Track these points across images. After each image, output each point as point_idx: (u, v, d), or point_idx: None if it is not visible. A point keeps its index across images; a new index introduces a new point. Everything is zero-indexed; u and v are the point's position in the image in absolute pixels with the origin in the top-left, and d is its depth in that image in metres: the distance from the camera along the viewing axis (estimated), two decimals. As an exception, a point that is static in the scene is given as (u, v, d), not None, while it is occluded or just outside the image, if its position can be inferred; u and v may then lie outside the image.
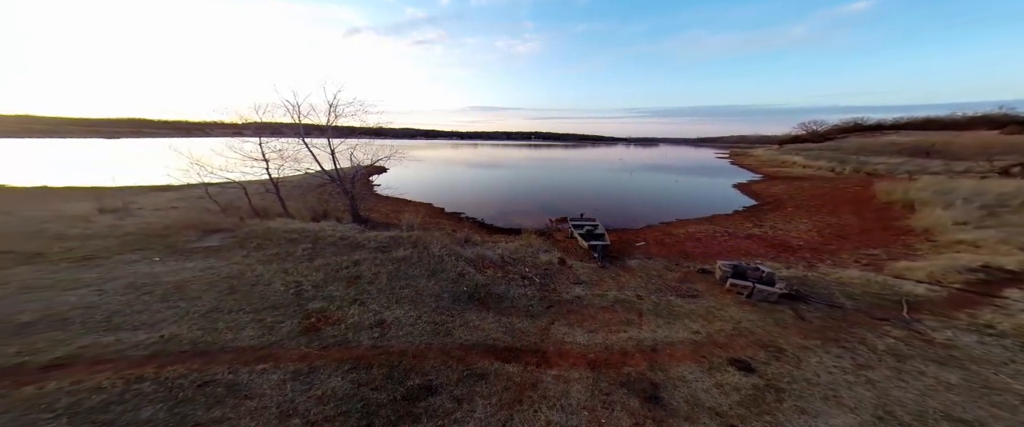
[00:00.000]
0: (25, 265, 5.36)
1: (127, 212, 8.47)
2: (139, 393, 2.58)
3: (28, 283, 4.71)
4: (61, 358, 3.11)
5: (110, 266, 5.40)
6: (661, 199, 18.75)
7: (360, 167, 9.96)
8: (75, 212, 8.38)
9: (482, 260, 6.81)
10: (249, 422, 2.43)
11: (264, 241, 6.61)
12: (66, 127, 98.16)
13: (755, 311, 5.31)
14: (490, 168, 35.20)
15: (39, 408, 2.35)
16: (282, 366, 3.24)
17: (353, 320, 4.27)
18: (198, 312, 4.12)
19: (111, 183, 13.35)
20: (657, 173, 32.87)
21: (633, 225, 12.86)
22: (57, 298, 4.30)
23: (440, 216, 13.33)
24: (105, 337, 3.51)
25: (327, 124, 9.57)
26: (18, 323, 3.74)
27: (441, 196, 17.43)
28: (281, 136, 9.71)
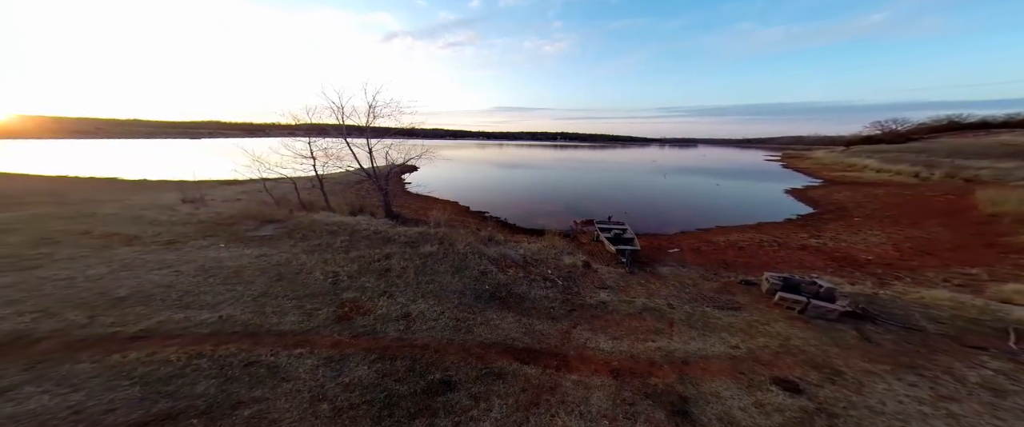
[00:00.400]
0: (126, 246, 6.28)
1: (202, 203, 9.63)
2: (197, 368, 2.88)
3: (127, 262, 5.50)
4: (143, 331, 3.58)
5: (187, 250, 6.15)
6: (698, 204, 17.51)
7: (394, 165, 10.40)
8: (164, 202, 9.72)
9: (504, 259, 6.77)
10: (284, 404, 2.60)
11: (308, 232, 7.14)
12: (163, 129, 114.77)
13: (809, 329, 4.72)
14: (514, 168, 35.12)
15: (121, 375, 2.72)
16: (317, 352, 3.45)
17: (382, 311, 4.44)
18: (251, 296, 4.53)
19: (192, 177, 15.40)
20: (694, 176, 30.66)
21: (665, 230, 12.14)
22: (145, 276, 4.97)
23: (465, 214, 13.56)
24: (177, 314, 3.99)
25: (366, 125, 10.08)
26: (115, 297, 4.37)
27: (467, 195, 17.73)
28: (327, 136, 10.42)
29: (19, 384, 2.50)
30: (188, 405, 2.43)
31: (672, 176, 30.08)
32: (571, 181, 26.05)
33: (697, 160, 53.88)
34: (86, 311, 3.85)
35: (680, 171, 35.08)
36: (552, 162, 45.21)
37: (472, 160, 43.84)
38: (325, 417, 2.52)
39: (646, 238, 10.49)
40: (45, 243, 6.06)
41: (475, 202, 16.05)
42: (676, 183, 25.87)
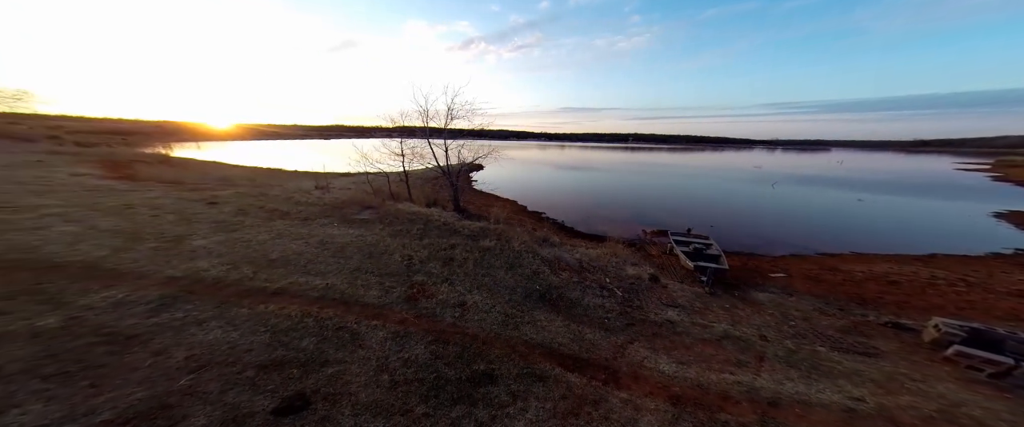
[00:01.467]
0: (280, 220, 8.21)
1: (327, 190, 11.98)
2: (305, 326, 3.60)
3: (280, 232, 7.19)
4: (280, 288, 4.63)
5: (314, 226, 7.72)
6: (825, 223, 13.93)
7: (464, 164, 11.09)
8: (304, 188, 12.45)
9: (558, 262, 6.54)
10: (357, 369, 3.05)
11: (394, 219, 8.17)
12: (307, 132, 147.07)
13: (1002, 400, 3.36)
14: (576, 170, 33.51)
15: (261, 322, 3.58)
16: (387, 326, 3.92)
17: (442, 297, 4.80)
18: (348, 269, 5.42)
19: (322, 169, 19.48)
20: (820, 188, 24.26)
21: (768, 251, 10.06)
22: (288, 245, 6.40)
23: (523, 213, 13.63)
24: (301, 278, 5.04)
25: (444, 126, 10.93)
26: (269, 258, 5.74)
27: (525, 194, 17.72)
28: (413, 137, 11.70)
29: (209, 318, 3.53)
30: (293, 356, 3.05)
31: (783, 186, 24.55)
32: (641, 186, 23.65)
33: (828, 168, 42.57)
34: (253, 267, 5.16)
35: (798, 181, 28.24)
36: (619, 165, 41.77)
37: (533, 161, 43.66)
38: (384, 387, 2.85)
39: (738, 257, 8.84)
40: (240, 213, 8.34)
41: (533, 202, 16.01)
42: (790, 195, 20.99)
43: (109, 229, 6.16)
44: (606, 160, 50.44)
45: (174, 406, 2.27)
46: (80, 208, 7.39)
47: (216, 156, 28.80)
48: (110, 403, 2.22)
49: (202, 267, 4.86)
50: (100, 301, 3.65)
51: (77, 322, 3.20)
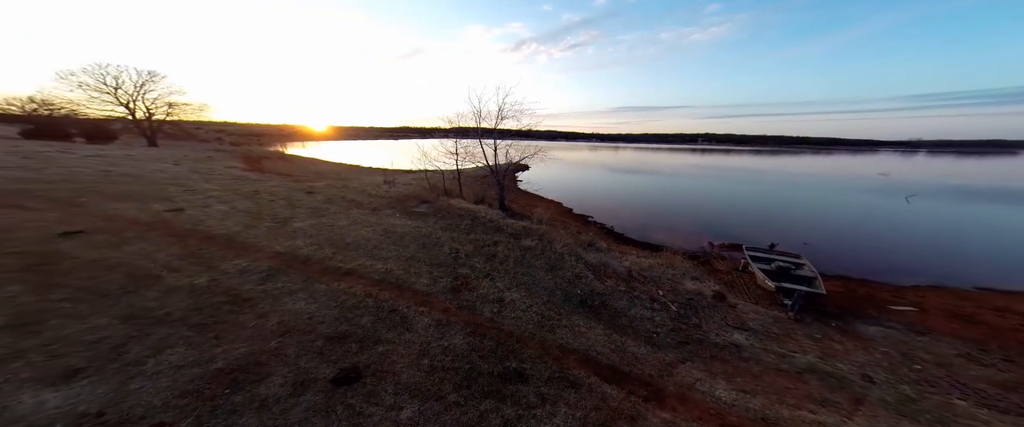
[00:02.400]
0: (356, 209, 9.36)
1: (393, 184, 13.28)
2: (365, 305, 4.03)
3: (355, 219, 8.21)
4: (350, 269, 5.27)
5: (381, 216, 8.62)
6: (991, 250, 10.56)
7: (511, 163, 11.15)
8: (375, 182, 14.03)
9: (604, 268, 6.14)
10: (403, 350, 3.30)
11: (446, 213, 8.64)
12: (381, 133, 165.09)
13: None
14: (631, 173, 30.82)
15: (333, 298, 4.11)
16: (432, 313, 4.16)
17: (483, 291, 4.91)
18: (405, 257, 5.91)
19: (390, 166, 21.76)
20: (991, 204, 18.31)
21: (891, 278, 8.11)
22: (360, 231, 7.26)
23: (567, 216, 13.13)
24: (367, 261, 5.67)
25: (494, 127, 11.12)
26: (345, 242, 6.59)
27: (571, 196, 16.96)
28: (466, 137, 12.18)
29: (297, 290, 4.20)
30: (353, 332, 3.44)
31: (925, 200, 19.15)
32: (712, 194, 20.66)
33: (1005, 176, 32.17)
34: (333, 249, 5.98)
35: (952, 194, 21.62)
36: (685, 169, 37.21)
37: (582, 162, 41.50)
38: (423, 370, 3.03)
39: (841, 282, 7.28)
40: (328, 202, 9.76)
41: (579, 205, 15.28)
42: (935, 212, 16.21)
43: (243, 210, 7.76)
44: (669, 163, 45.49)
45: (263, 364, 2.75)
46: (228, 192, 9.47)
47: (314, 153, 34.32)
48: (223, 354, 2.80)
49: (298, 245, 5.79)
50: (231, 267, 4.62)
51: (216, 283, 4.11)
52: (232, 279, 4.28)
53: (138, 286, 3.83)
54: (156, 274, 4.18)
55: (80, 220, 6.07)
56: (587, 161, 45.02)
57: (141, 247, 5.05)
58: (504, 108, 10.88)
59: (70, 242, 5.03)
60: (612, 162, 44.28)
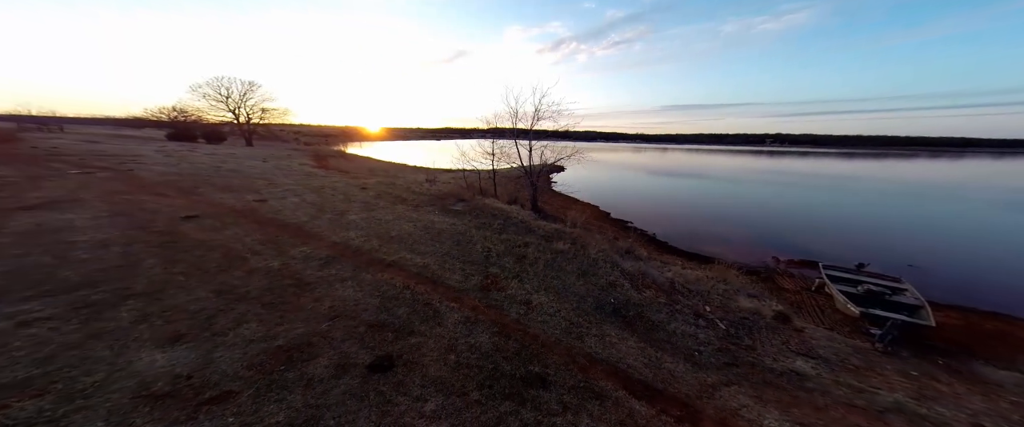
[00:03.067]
0: (400, 205, 10.03)
1: (434, 183, 13.94)
2: (402, 296, 4.26)
3: (399, 214, 8.77)
4: (393, 261, 5.61)
5: (422, 212, 9.10)
6: None
7: (545, 164, 10.92)
8: (418, 180, 14.87)
9: (643, 277, 5.71)
10: (433, 344, 3.41)
11: (480, 212, 8.80)
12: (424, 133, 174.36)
13: None
14: (680, 177, 28.01)
15: (375, 288, 4.42)
16: (461, 310, 4.25)
17: (511, 292, 4.88)
18: (441, 253, 6.15)
19: (432, 165, 22.93)
20: None
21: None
22: (402, 226, 7.74)
23: (604, 220, 12.45)
24: (407, 254, 6.00)
25: (530, 127, 11.00)
26: (390, 235, 7.08)
27: (609, 200, 15.96)
28: (503, 138, 12.25)
29: (347, 278, 4.60)
30: (391, 321, 3.66)
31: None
32: (781, 203, 17.89)
33: None
34: (379, 241, 6.47)
35: None
36: (748, 173, 32.92)
37: (623, 165, 38.73)
38: (450, 366, 3.10)
39: (958, 313, 6.02)
40: (378, 197, 10.61)
41: (618, 209, 14.36)
42: None
43: (310, 202, 8.79)
44: (728, 167, 40.48)
45: (314, 345, 3.05)
46: (301, 186, 10.82)
47: (368, 152, 37.58)
48: (284, 333, 3.17)
49: (351, 237, 6.36)
50: (298, 254, 5.25)
51: (286, 267, 4.70)
52: (297, 264, 4.85)
53: (230, 265, 4.54)
54: (243, 256, 4.91)
55: (197, 206, 7.42)
56: (629, 163, 42.17)
57: (235, 232, 5.99)
58: (540, 109, 10.72)
59: (189, 224, 6.17)
60: (658, 165, 40.82)
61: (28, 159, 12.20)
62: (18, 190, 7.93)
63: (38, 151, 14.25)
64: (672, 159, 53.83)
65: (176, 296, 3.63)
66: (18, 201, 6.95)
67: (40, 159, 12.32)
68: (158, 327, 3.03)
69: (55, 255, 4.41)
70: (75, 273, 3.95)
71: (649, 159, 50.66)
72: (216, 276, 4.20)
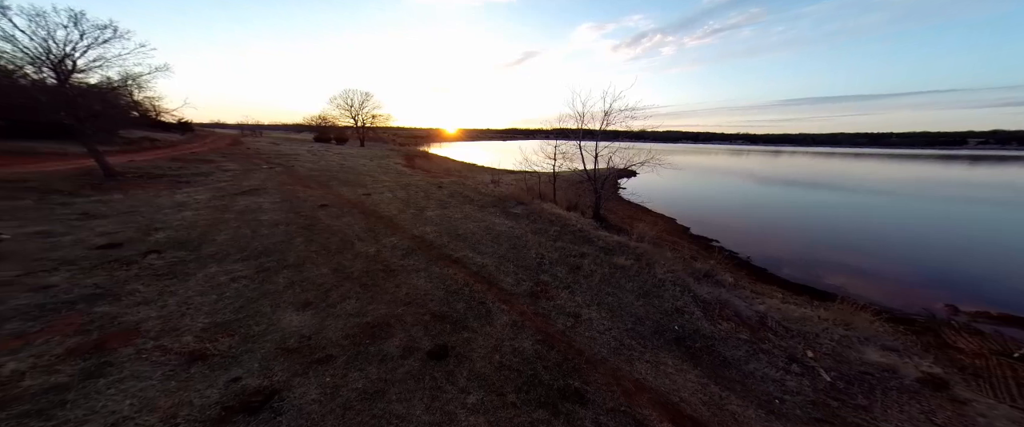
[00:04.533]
0: (469, 205, 10.84)
1: (498, 184, 14.61)
2: (462, 292, 4.62)
3: (467, 214, 9.50)
4: (457, 258, 6.12)
5: (485, 213, 9.65)
6: None
7: (612, 169, 10.12)
8: (484, 180, 15.80)
9: (721, 307, 4.89)
10: (482, 341, 3.64)
11: (537, 217, 8.82)
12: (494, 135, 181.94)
13: None
14: (802, 189, 21.80)
15: (441, 280, 4.93)
16: (510, 313, 4.38)
17: (560, 302, 4.79)
18: (498, 254, 6.43)
19: (497, 166, 24.00)
20: None
21: None
22: (468, 225, 8.37)
23: (680, 236, 10.78)
24: (470, 253, 6.46)
25: (599, 129, 10.35)
26: (457, 233, 7.72)
27: (691, 213, 13.60)
28: (567, 139, 11.88)
29: (421, 269, 5.27)
30: (450, 314, 4.04)
31: None
32: (977, 228, 12.61)
33: None
34: (449, 237, 7.16)
35: None
36: (923, 186, 23.79)
37: (717, 170, 32.33)
38: (493, 365, 3.26)
39: None
40: (451, 196, 11.70)
41: (701, 224, 12.21)
42: None
43: (400, 198, 10.33)
44: (885, 176, 30.18)
45: (391, 325, 3.63)
46: (393, 184, 12.82)
47: (445, 153, 41.55)
48: (371, 311, 3.87)
49: (427, 231, 7.24)
50: (388, 243, 6.28)
51: (379, 254, 5.69)
52: (387, 252, 5.81)
53: (343, 248, 5.76)
54: (351, 241, 6.15)
55: (327, 197, 9.59)
56: (724, 168, 35.27)
57: (348, 220, 7.53)
58: (612, 110, 9.95)
59: (322, 212, 8.03)
60: (768, 172, 32.84)
61: (244, 156, 17.80)
62: (238, 179, 11.64)
63: (249, 151, 20.64)
64: (791, 165, 42.57)
65: (310, 270, 4.81)
66: (238, 188, 10.23)
67: (251, 156, 17.84)
68: (297, 294, 4.10)
69: (252, 229, 6.38)
70: (260, 244, 5.65)
71: (755, 164, 41.22)
72: (334, 256, 5.39)
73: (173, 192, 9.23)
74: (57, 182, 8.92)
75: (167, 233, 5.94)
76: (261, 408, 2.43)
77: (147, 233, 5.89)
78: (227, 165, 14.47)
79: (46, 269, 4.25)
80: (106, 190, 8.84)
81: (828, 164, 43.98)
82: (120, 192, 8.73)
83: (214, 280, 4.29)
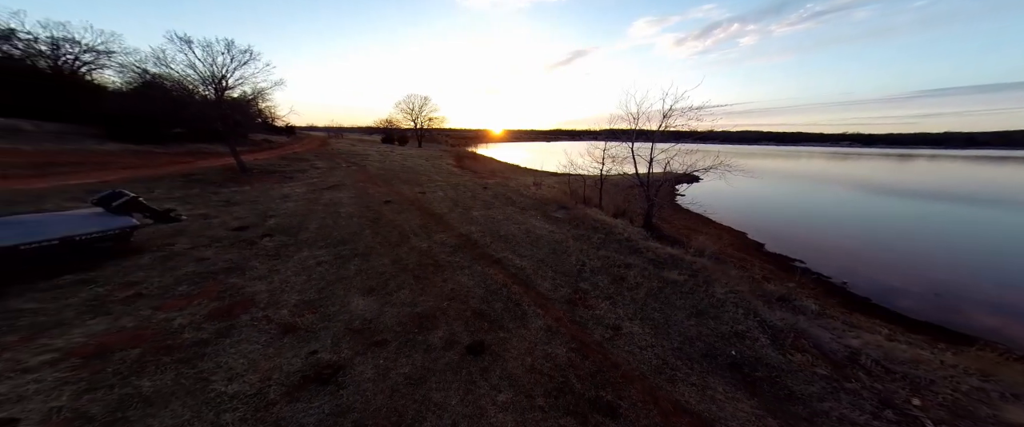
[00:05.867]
0: (510, 206, 11.04)
1: (540, 187, 14.50)
2: (501, 292, 4.74)
3: (509, 215, 9.69)
4: (497, 259, 6.30)
5: (526, 216, 9.70)
6: None
7: (670, 175, 9.15)
8: (526, 183, 15.82)
9: (796, 336, 4.17)
10: (516, 342, 3.69)
11: (580, 222, 8.50)
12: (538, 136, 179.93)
13: None
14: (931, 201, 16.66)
15: (482, 280, 5.14)
16: (545, 318, 4.33)
17: (598, 312, 4.56)
18: (536, 258, 6.40)
19: (540, 168, 23.73)
20: None
21: None
22: (509, 227, 8.51)
23: (751, 252, 9.19)
24: (509, 254, 6.51)
25: (656, 130, 9.43)
26: (499, 234, 7.92)
27: (767, 227, 11.43)
28: (618, 140, 10.97)
29: (466, 266, 5.55)
30: (489, 312, 4.18)
31: None
32: None
33: None
34: (491, 238, 7.40)
35: None
36: None
37: (810, 176, 26.63)
38: (524, 367, 3.27)
39: None
40: (495, 197, 12.03)
41: (779, 240, 10.23)
42: None
43: (449, 198, 11.05)
44: None
45: (435, 317, 3.93)
46: (445, 183, 13.75)
47: (491, 153, 42.78)
48: (421, 303, 4.23)
49: (472, 231, 7.61)
50: (438, 239, 6.77)
51: (430, 249, 6.19)
52: (437, 248, 6.28)
53: (401, 242, 6.42)
54: (408, 235, 6.81)
55: (391, 194, 10.77)
56: (820, 175, 29.07)
57: (407, 216, 8.34)
58: (673, 109, 8.93)
59: (386, 207, 9.06)
60: (890, 180, 25.82)
61: (329, 156, 21.07)
62: (325, 176, 13.82)
63: (334, 151, 24.36)
64: (931, 172, 32.85)
65: (374, 259, 5.49)
66: (324, 183, 12.16)
67: (334, 156, 21.06)
68: (364, 280, 4.72)
69: (333, 220, 7.54)
70: (339, 234, 6.65)
71: (872, 170, 32.82)
72: (394, 249, 6.04)
73: (281, 185, 11.45)
74: (212, 176, 11.82)
75: (277, 220, 7.41)
76: (329, 381, 2.87)
77: (264, 219, 7.43)
78: (317, 163, 17.35)
79: (203, 244, 5.69)
80: (241, 183, 11.39)
81: (996, 171, 32.24)
82: (249, 185, 11.17)
83: (305, 263, 5.21)
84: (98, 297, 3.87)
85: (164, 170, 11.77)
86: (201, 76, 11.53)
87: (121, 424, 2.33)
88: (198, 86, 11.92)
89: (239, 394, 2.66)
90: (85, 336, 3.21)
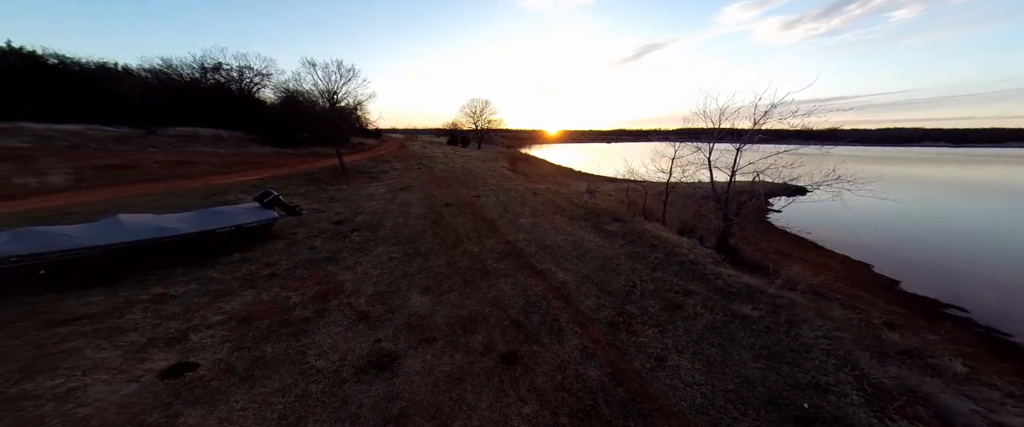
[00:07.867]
0: (559, 215, 10.86)
1: (593, 194, 13.85)
2: (539, 305, 4.80)
3: (556, 224, 9.56)
4: (541, 270, 6.33)
5: (575, 226, 9.44)
6: None
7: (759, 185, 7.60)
8: (579, 189, 15.29)
9: (909, 400, 3.26)
10: (548, 357, 3.74)
11: (636, 238, 7.89)
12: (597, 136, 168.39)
13: None
14: None
15: (523, 289, 5.29)
16: (583, 337, 4.20)
17: (643, 340, 4.25)
18: (582, 274, 6.22)
19: (596, 172, 22.50)
20: None
21: None
22: (555, 238, 8.49)
23: (873, 289, 7.04)
24: (553, 267, 6.42)
25: (749, 128, 7.86)
26: (544, 244, 7.91)
27: (910, 258, 8.47)
28: (694, 141, 9.32)
29: (509, 274, 5.81)
30: (526, 324, 4.32)
31: None
32: None
33: None
34: (535, 247, 7.52)
35: None
36: None
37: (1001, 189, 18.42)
38: (554, 384, 3.30)
39: None
40: (544, 205, 12.12)
41: (934, 281, 7.54)
42: None
43: (500, 203, 11.61)
44: None
45: (477, 322, 4.30)
46: (498, 187, 14.45)
47: (545, 155, 42.45)
48: (466, 306, 4.67)
49: (519, 239, 7.89)
50: (488, 245, 7.28)
51: (479, 254, 6.72)
52: (486, 253, 6.78)
53: (455, 244, 7.14)
54: (462, 239, 7.52)
55: (451, 196, 11.95)
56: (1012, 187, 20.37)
57: (462, 219, 9.17)
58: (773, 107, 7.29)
59: (446, 209, 10.13)
60: None
61: (405, 157, 24.41)
62: (401, 177, 16.14)
63: (409, 153, 28.06)
64: None
65: (433, 260, 6.28)
66: (400, 184, 14.23)
67: (409, 158, 24.31)
68: (423, 279, 5.48)
69: (404, 220, 8.85)
70: (407, 233, 7.78)
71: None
72: (449, 251, 6.78)
73: (368, 185, 13.90)
74: (323, 175, 15.11)
75: (363, 217, 9.10)
76: (386, 368, 3.47)
77: (355, 214, 9.22)
78: (396, 165, 20.32)
79: (314, 234, 7.44)
80: (341, 181, 14.28)
81: None
82: (346, 183, 13.92)
83: (380, 258, 6.32)
84: (251, 274, 5.50)
85: (295, 169, 15.64)
86: (320, 91, 15.11)
87: (251, 377, 3.31)
88: (318, 99, 15.66)
89: (324, 370, 3.45)
90: (241, 304, 4.62)
